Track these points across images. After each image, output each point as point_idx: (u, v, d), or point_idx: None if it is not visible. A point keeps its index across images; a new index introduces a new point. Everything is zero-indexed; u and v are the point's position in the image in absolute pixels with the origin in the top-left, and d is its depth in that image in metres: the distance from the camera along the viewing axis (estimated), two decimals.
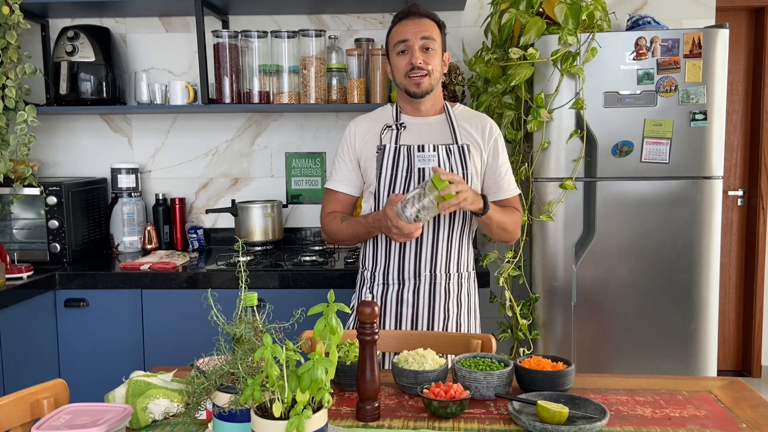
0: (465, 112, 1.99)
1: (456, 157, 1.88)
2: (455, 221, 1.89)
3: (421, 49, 1.84)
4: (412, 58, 1.84)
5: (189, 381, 1.16)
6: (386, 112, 1.99)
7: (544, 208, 2.49)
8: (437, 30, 1.89)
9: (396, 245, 1.89)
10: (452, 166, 1.87)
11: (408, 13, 1.88)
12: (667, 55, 2.39)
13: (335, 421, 1.29)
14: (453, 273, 1.91)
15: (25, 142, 2.57)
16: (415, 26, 1.85)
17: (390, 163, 1.89)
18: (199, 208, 3.15)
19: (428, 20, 1.88)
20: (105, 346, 2.54)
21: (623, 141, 2.43)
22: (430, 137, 1.91)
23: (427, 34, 1.85)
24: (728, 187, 3.96)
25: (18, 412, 1.32)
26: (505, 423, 1.28)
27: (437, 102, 1.96)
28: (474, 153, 1.91)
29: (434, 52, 1.86)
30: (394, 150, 1.89)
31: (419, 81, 1.85)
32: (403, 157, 1.88)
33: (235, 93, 2.81)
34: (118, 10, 2.95)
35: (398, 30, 1.88)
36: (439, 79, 1.91)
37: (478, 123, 1.95)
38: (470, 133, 1.93)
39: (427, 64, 1.84)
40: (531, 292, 2.58)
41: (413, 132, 1.92)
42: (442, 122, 1.94)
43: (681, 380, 1.52)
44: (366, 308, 1.30)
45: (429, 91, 1.88)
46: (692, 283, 2.47)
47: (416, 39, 1.84)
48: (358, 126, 1.98)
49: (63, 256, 2.69)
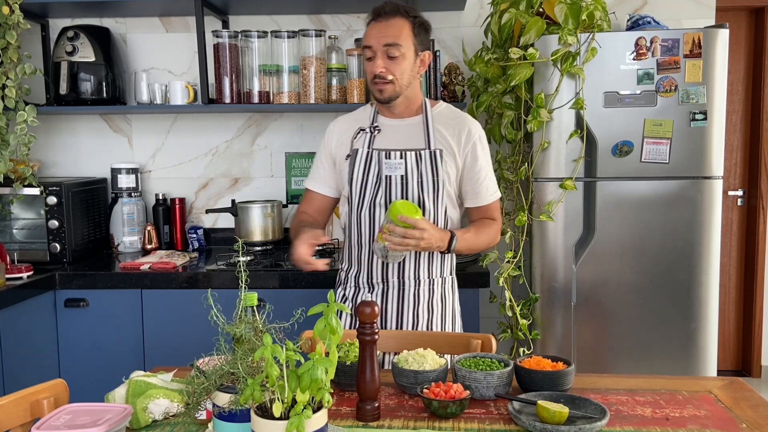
0: (445, 114, 1.92)
1: (426, 163, 1.82)
2: None
3: (383, 56, 1.77)
4: (373, 66, 1.78)
5: (189, 381, 1.16)
6: (366, 112, 1.96)
7: (544, 208, 2.49)
8: (407, 30, 1.78)
9: (365, 250, 1.88)
10: (422, 172, 1.82)
11: (377, 14, 1.80)
12: (667, 55, 2.39)
13: (335, 421, 1.29)
14: (423, 279, 1.88)
15: (25, 142, 2.57)
16: (381, 30, 1.77)
17: (361, 168, 1.85)
18: (199, 208, 3.15)
19: (398, 20, 1.78)
20: (105, 346, 2.54)
21: (623, 141, 2.43)
22: (403, 141, 1.86)
23: (391, 40, 1.76)
24: (728, 187, 3.96)
25: (18, 412, 1.32)
26: (505, 423, 1.28)
27: (412, 103, 1.89)
28: (447, 159, 1.84)
29: (400, 58, 1.77)
30: (366, 155, 1.85)
31: (381, 88, 1.80)
32: (374, 162, 1.84)
33: (235, 93, 2.81)
34: (118, 10, 2.95)
35: (367, 33, 1.81)
36: (407, 84, 1.82)
37: (456, 126, 1.88)
38: (445, 138, 1.86)
39: (388, 73, 1.78)
40: (531, 292, 2.58)
41: (387, 135, 1.88)
42: (417, 125, 1.88)
43: (681, 380, 1.52)
44: (366, 308, 1.29)
45: (394, 98, 1.82)
46: (692, 283, 2.47)
47: (379, 46, 1.77)
48: (337, 126, 1.96)
49: (63, 256, 2.69)
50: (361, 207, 1.86)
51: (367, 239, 1.87)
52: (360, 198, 1.86)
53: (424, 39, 1.85)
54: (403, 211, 1.67)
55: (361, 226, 1.87)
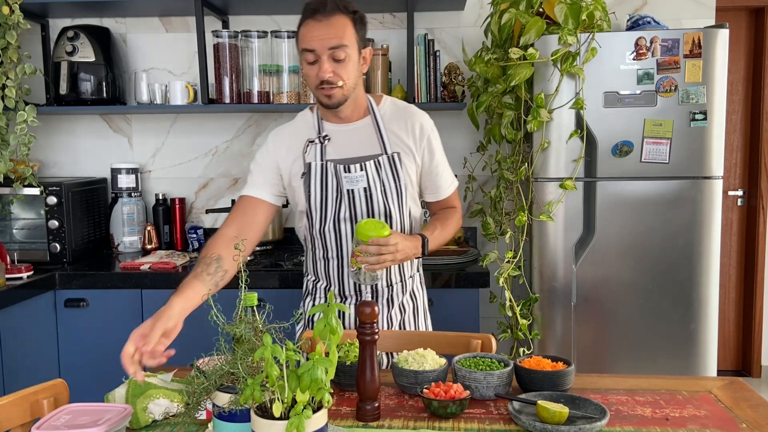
0: (392, 110, 1.80)
1: (386, 170, 1.73)
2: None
3: (329, 60, 1.63)
4: (320, 72, 1.63)
5: (189, 381, 1.16)
6: (307, 121, 1.81)
7: (544, 208, 2.49)
8: (350, 28, 1.64)
9: (333, 265, 1.80)
10: (384, 181, 1.73)
11: (314, 12, 1.62)
12: (667, 55, 2.39)
13: (335, 421, 1.29)
14: (395, 283, 1.83)
15: (25, 142, 2.57)
16: (323, 31, 1.61)
17: (318, 182, 1.73)
18: (199, 208, 3.15)
19: (339, 18, 1.63)
20: (105, 346, 2.53)
21: (623, 141, 2.43)
22: (357, 148, 1.75)
23: (336, 42, 1.61)
24: (728, 187, 3.96)
25: (18, 412, 1.32)
26: (505, 423, 1.28)
27: (359, 105, 1.77)
28: (406, 160, 1.76)
29: (347, 59, 1.64)
30: (321, 167, 1.73)
31: (330, 93, 1.66)
32: (331, 175, 1.73)
33: (235, 93, 2.81)
34: (118, 10, 2.95)
35: (305, 34, 1.64)
36: (354, 86, 1.70)
37: (407, 122, 1.78)
38: (400, 138, 1.76)
39: (337, 78, 1.64)
40: (531, 292, 2.58)
41: (338, 143, 1.75)
42: (367, 127, 1.77)
43: (681, 380, 1.52)
44: (366, 308, 1.29)
45: (343, 102, 1.69)
46: (692, 283, 2.47)
47: (324, 50, 1.62)
48: (281, 138, 1.80)
49: (63, 256, 2.69)
50: (324, 223, 1.76)
51: (335, 253, 1.79)
52: (321, 214, 1.75)
53: (365, 35, 1.71)
54: (370, 231, 1.60)
55: (327, 242, 1.78)
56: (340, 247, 1.78)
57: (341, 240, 1.77)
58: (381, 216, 1.75)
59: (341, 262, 1.79)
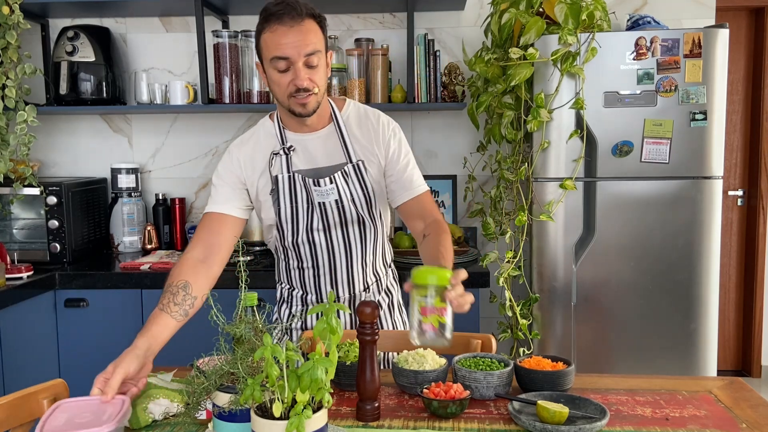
0: (355, 115, 1.75)
1: (353, 179, 1.69)
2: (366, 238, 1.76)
3: (305, 67, 1.56)
4: (296, 80, 1.55)
5: (189, 381, 1.16)
6: (268, 131, 1.73)
7: (544, 208, 2.49)
8: (318, 31, 1.58)
9: (309, 274, 1.78)
10: (352, 191, 1.70)
11: (283, 17, 1.53)
12: (667, 55, 2.39)
13: (335, 421, 1.29)
14: (371, 283, 1.83)
15: (25, 142, 2.57)
16: (297, 37, 1.53)
17: (287, 195, 1.69)
18: (199, 208, 3.15)
19: (309, 23, 1.56)
20: (105, 346, 2.52)
21: (623, 141, 2.43)
22: (322, 158, 1.70)
23: (311, 48, 1.54)
24: (728, 187, 3.96)
25: (18, 412, 1.32)
26: (505, 423, 1.28)
27: (324, 112, 1.70)
28: (370, 168, 1.71)
29: (319, 65, 1.58)
30: (288, 179, 1.68)
31: (305, 102, 1.59)
32: (300, 187, 1.68)
33: (234, 93, 2.81)
34: (118, 10, 2.95)
35: (275, 41, 1.54)
36: (324, 92, 1.64)
37: (369, 127, 1.73)
38: (361, 144, 1.71)
39: (313, 85, 1.57)
40: (531, 292, 2.58)
41: (303, 153, 1.70)
42: (331, 135, 1.71)
43: (681, 380, 1.52)
44: (366, 308, 1.29)
45: (315, 110, 1.63)
46: (692, 283, 2.47)
47: (299, 57, 1.54)
48: (243, 153, 1.72)
49: (63, 256, 2.69)
50: (296, 235, 1.73)
51: (310, 263, 1.77)
52: (293, 226, 1.71)
53: (326, 36, 1.65)
54: (437, 280, 1.32)
55: (301, 251, 1.75)
56: (315, 256, 1.75)
57: (315, 250, 1.74)
58: (354, 224, 1.74)
59: (317, 272, 1.77)
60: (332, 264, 1.76)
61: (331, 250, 1.75)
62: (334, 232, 1.73)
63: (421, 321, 1.28)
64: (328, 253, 1.75)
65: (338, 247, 1.75)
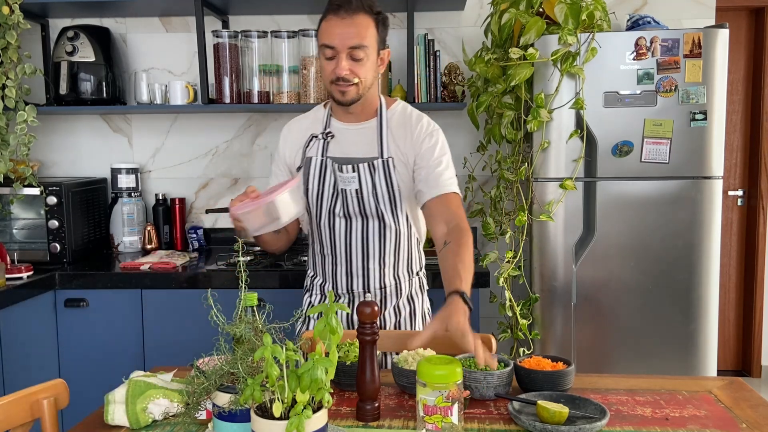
0: (400, 115, 1.79)
1: (380, 174, 1.73)
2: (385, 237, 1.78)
3: (348, 58, 1.64)
4: (337, 68, 1.64)
5: (189, 381, 1.16)
6: (317, 116, 1.83)
7: (544, 208, 2.49)
8: (372, 28, 1.65)
9: (328, 261, 1.82)
10: (376, 185, 1.73)
11: (339, 8, 1.63)
12: (667, 55, 2.39)
13: (335, 421, 1.29)
14: (389, 283, 1.83)
15: (25, 142, 2.57)
16: (345, 29, 1.62)
17: (316, 177, 1.76)
18: (199, 208, 3.15)
19: (363, 18, 1.63)
20: (105, 346, 2.54)
21: (623, 141, 2.43)
22: (356, 149, 1.75)
23: (357, 42, 1.62)
24: (728, 187, 3.96)
25: (18, 412, 1.32)
26: (505, 423, 1.28)
27: (370, 105, 1.77)
28: (399, 166, 1.74)
29: (365, 59, 1.65)
30: (320, 163, 1.76)
31: (345, 90, 1.67)
32: (329, 172, 1.75)
33: (235, 93, 2.81)
34: (118, 10, 2.95)
35: (327, 30, 1.65)
36: (370, 85, 1.71)
37: (408, 128, 1.76)
38: (398, 144, 1.75)
39: (353, 76, 1.65)
40: (531, 292, 2.58)
41: (341, 141, 1.77)
42: (371, 130, 1.77)
43: (681, 380, 1.52)
44: (366, 308, 1.29)
45: (356, 100, 1.70)
46: (692, 283, 2.47)
47: (343, 48, 1.63)
48: (290, 133, 1.85)
49: (63, 256, 2.69)
50: (319, 217, 1.79)
51: (328, 250, 1.81)
52: (318, 208, 1.79)
53: (385, 36, 1.73)
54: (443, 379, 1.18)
55: (322, 236, 1.80)
56: (333, 243, 1.80)
57: (334, 236, 1.79)
58: (374, 219, 1.75)
59: (335, 259, 1.81)
60: (348, 254, 1.79)
61: (349, 239, 1.79)
62: (354, 222, 1.77)
63: (423, 418, 1.18)
64: (345, 242, 1.79)
65: (356, 237, 1.78)
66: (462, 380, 1.19)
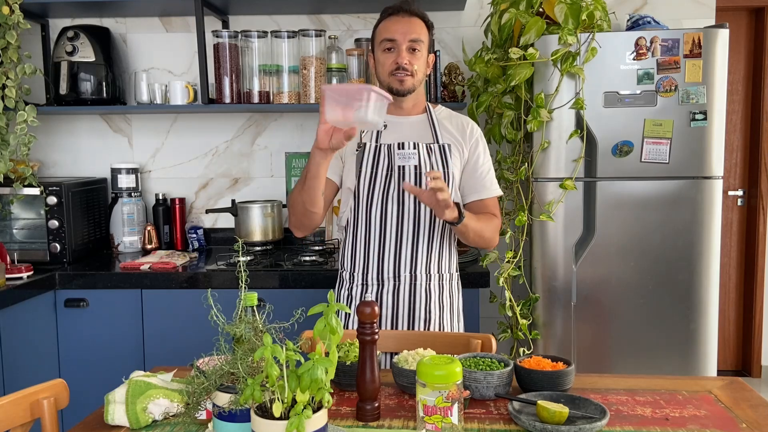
0: (446, 113, 1.99)
1: (437, 156, 1.88)
2: (435, 222, 1.88)
3: (407, 50, 1.84)
4: (398, 58, 1.83)
5: (189, 381, 1.16)
6: None
7: (544, 208, 2.49)
8: (425, 31, 1.88)
9: (375, 245, 1.88)
10: (433, 164, 1.87)
11: (399, 10, 1.86)
12: (667, 55, 2.39)
13: (335, 421, 1.29)
14: (434, 274, 1.90)
15: (25, 142, 2.57)
16: (405, 26, 1.84)
17: (370, 161, 1.88)
18: (199, 208, 3.15)
19: (418, 20, 1.87)
20: (105, 346, 2.54)
21: (623, 141, 2.43)
22: (411, 136, 1.90)
23: (416, 36, 1.84)
24: (728, 187, 3.96)
25: (18, 412, 1.32)
26: (505, 423, 1.28)
27: (419, 102, 1.96)
28: (455, 152, 1.91)
29: (420, 53, 1.86)
30: (375, 148, 1.88)
31: (403, 79, 1.85)
32: (384, 156, 1.87)
33: (235, 93, 2.81)
34: (118, 10, 2.95)
35: (387, 27, 1.86)
36: (422, 80, 1.90)
37: (458, 122, 1.96)
38: (451, 133, 1.93)
39: (411, 65, 1.84)
40: (531, 292, 2.58)
41: (394, 131, 1.91)
42: (423, 122, 1.94)
43: (681, 380, 1.52)
44: (366, 308, 1.29)
45: (412, 91, 1.88)
46: (692, 283, 2.47)
47: (404, 40, 1.83)
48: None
49: (63, 256, 2.69)
50: (371, 200, 1.87)
51: (377, 233, 1.87)
52: (369, 191, 1.87)
53: (433, 43, 1.94)
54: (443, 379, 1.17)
55: (371, 220, 1.87)
56: (384, 225, 1.87)
57: (386, 219, 1.87)
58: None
59: (383, 243, 1.87)
60: (399, 237, 1.86)
61: (401, 221, 1.86)
62: (407, 203, 1.85)
63: (423, 418, 1.18)
64: (397, 224, 1.86)
65: (408, 219, 1.86)
66: (462, 380, 1.20)
